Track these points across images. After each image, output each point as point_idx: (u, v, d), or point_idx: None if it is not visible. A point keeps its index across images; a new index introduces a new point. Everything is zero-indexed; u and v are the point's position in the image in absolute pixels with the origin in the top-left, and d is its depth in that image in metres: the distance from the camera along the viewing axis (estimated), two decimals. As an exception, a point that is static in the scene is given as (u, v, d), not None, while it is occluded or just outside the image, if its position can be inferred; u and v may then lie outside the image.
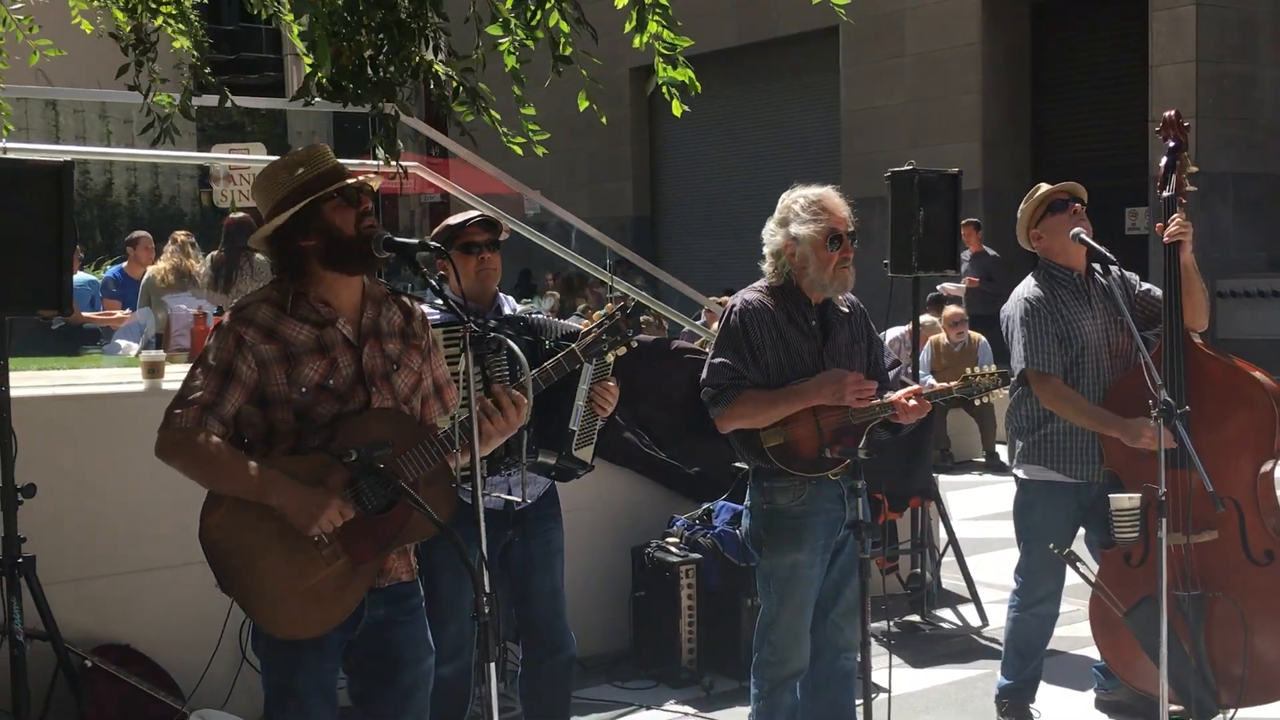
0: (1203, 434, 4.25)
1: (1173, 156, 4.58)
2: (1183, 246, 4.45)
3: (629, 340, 3.56)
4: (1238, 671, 4.37)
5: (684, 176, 20.92)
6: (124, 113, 17.98)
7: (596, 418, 4.03)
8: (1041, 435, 4.65)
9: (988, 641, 6.15)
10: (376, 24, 4.04)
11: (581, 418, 3.94)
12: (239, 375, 3.02)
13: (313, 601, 3.01)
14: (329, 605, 3.03)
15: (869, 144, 16.54)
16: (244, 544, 2.98)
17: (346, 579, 3.04)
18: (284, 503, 2.96)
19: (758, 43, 18.11)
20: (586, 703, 5.24)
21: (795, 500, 3.97)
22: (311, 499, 2.96)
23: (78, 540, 4.71)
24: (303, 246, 3.08)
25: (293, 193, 3.08)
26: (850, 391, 3.90)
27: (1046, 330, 4.56)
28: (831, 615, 4.10)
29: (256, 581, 2.99)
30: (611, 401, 4.00)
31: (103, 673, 4.51)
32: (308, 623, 3.02)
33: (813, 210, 3.97)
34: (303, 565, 2.99)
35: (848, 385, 3.91)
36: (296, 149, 3.26)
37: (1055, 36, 15.89)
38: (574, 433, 3.94)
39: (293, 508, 2.96)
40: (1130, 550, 4.44)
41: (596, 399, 3.96)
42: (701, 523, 5.85)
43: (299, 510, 2.96)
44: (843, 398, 3.91)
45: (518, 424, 3.19)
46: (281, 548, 2.98)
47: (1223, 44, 13.93)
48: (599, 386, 3.96)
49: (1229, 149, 13.82)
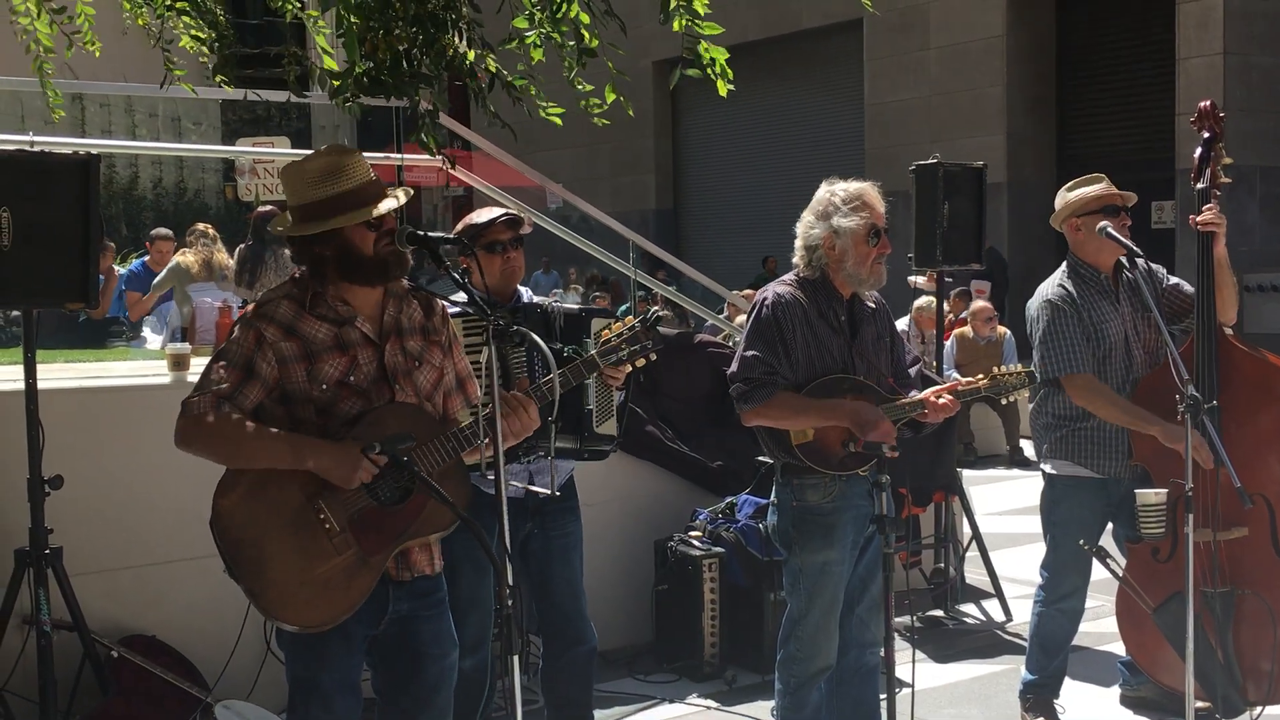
0: (1233, 429, 4.22)
1: (1207, 148, 4.53)
2: (1215, 239, 4.41)
3: (649, 352, 3.54)
4: (1266, 667, 4.34)
5: (707, 170, 20.89)
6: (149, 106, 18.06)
7: (610, 390, 4.00)
8: (1069, 431, 4.62)
9: (1012, 637, 6.13)
10: (410, 17, 4.04)
11: (595, 395, 3.93)
12: (258, 372, 3.03)
13: (321, 590, 3.01)
14: (337, 594, 3.03)
15: (893, 137, 16.49)
16: (254, 530, 2.99)
17: (356, 569, 3.04)
18: (322, 462, 2.97)
19: (781, 36, 18.06)
20: (608, 696, 5.25)
21: (825, 498, 3.96)
22: (347, 453, 2.97)
23: (104, 532, 4.74)
24: (319, 254, 3.10)
25: (318, 204, 3.07)
26: (880, 436, 3.80)
27: (1073, 329, 4.52)
28: (857, 610, 4.09)
29: (265, 568, 2.99)
30: (623, 373, 3.79)
31: (128, 663, 4.54)
32: (315, 611, 3.02)
33: (854, 204, 3.95)
34: (312, 554, 3.00)
35: (881, 429, 3.80)
36: (329, 144, 3.25)
37: (1081, 29, 15.79)
38: (591, 411, 3.93)
39: (331, 464, 2.97)
40: (1158, 546, 4.41)
41: (606, 372, 3.90)
42: (724, 516, 5.84)
43: (339, 465, 2.96)
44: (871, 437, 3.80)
45: (531, 426, 3.21)
46: (291, 535, 2.99)
47: (1250, 36, 13.81)
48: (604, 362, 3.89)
49: (1256, 142, 13.70)
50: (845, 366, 3.96)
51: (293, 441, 2.99)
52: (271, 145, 10.62)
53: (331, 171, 3.10)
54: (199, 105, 16.67)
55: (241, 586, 3.03)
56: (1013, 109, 15.66)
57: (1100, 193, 4.60)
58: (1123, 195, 4.62)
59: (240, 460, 3.02)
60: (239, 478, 3.03)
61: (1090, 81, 15.68)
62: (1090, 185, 4.65)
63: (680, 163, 21.39)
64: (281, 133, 15.05)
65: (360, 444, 2.98)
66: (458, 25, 4.20)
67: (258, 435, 2.99)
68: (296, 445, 2.99)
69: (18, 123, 12.15)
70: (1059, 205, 4.71)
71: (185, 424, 3.02)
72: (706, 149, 20.80)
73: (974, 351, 11.24)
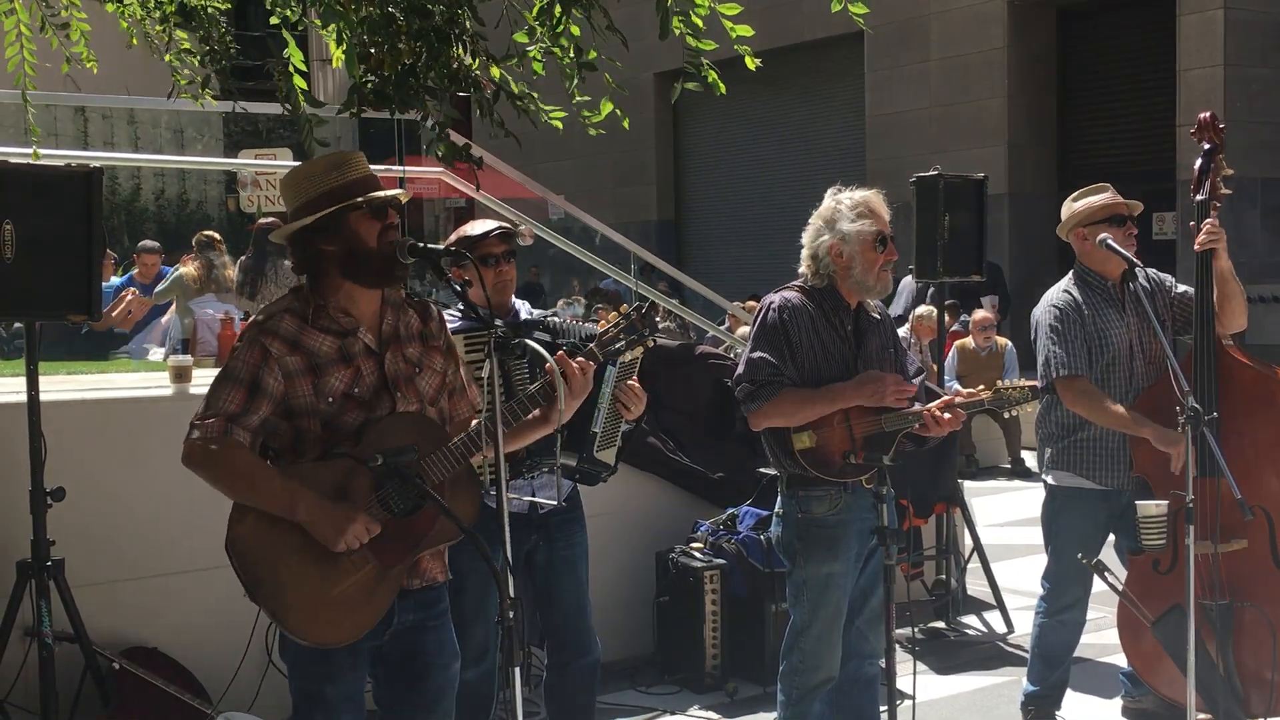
0: (1233, 441, 4.21)
1: (1207, 159, 4.52)
2: (1216, 253, 4.40)
3: (645, 339, 3.54)
4: (1269, 677, 4.33)
5: (708, 181, 20.92)
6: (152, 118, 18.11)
7: (620, 420, 4.01)
8: (1071, 442, 4.62)
9: (1013, 648, 6.12)
10: (414, 31, 4.06)
11: (604, 420, 3.93)
12: (265, 388, 3.02)
13: (344, 608, 3.01)
14: (360, 610, 3.04)
15: (894, 149, 16.50)
16: (271, 554, 2.99)
17: (375, 583, 3.05)
18: (311, 519, 2.96)
19: (783, 48, 18.10)
20: (610, 707, 5.24)
21: (831, 509, 3.96)
22: (338, 515, 2.97)
23: (106, 543, 4.74)
24: (323, 251, 3.09)
25: (320, 196, 3.07)
26: (890, 392, 3.90)
27: (1075, 334, 4.53)
28: (857, 622, 4.09)
29: (285, 592, 2.99)
30: (638, 403, 3.90)
31: (130, 675, 4.53)
32: (340, 629, 3.03)
33: (860, 211, 3.97)
34: (330, 573, 3.00)
35: (888, 386, 3.90)
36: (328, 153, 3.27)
37: (1082, 40, 15.82)
38: (596, 435, 3.92)
39: (319, 524, 2.96)
40: (1158, 558, 4.41)
41: (622, 399, 3.92)
42: (725, 528, 5.84)
43: (326, 526, 2.96)
44: (884, 398, 3.89)
45: (587, 387, 3.28)
46: (308, 556, 2.99)
47: (1251, 48, 13.84)
48: (624, 386, 3.88)
49: (1257, 154, 13.72)
50: (849, 375, 3.97)
51: (290, 491, 2.98)
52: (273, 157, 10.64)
53: (337, 164, 3.13)
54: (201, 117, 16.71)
55: (264, 610, 3.03)
56: (1014, 121, 15.68)
57: (1105, 202, 4.61)
58: (1129, 204, 4.63)
59: (239, 498, 3.02)
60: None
61: (1091, 93, 15.70)
62: (1095, 195, 4.65)
63: (681, 174, 21.42)
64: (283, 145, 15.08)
65: (361, 512, 2.99)
66: (461, 38, 4.22)
67: (258, 478, 2.99)
68: (292, 495, 2.97)
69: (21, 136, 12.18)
70: (1065, 215, 4.72)
71: (191, 449, 3.01)
72: (708, 161, 20.83)
73: (974, 362, 11.24)
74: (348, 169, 3.11)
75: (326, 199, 3.06)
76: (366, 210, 3.06)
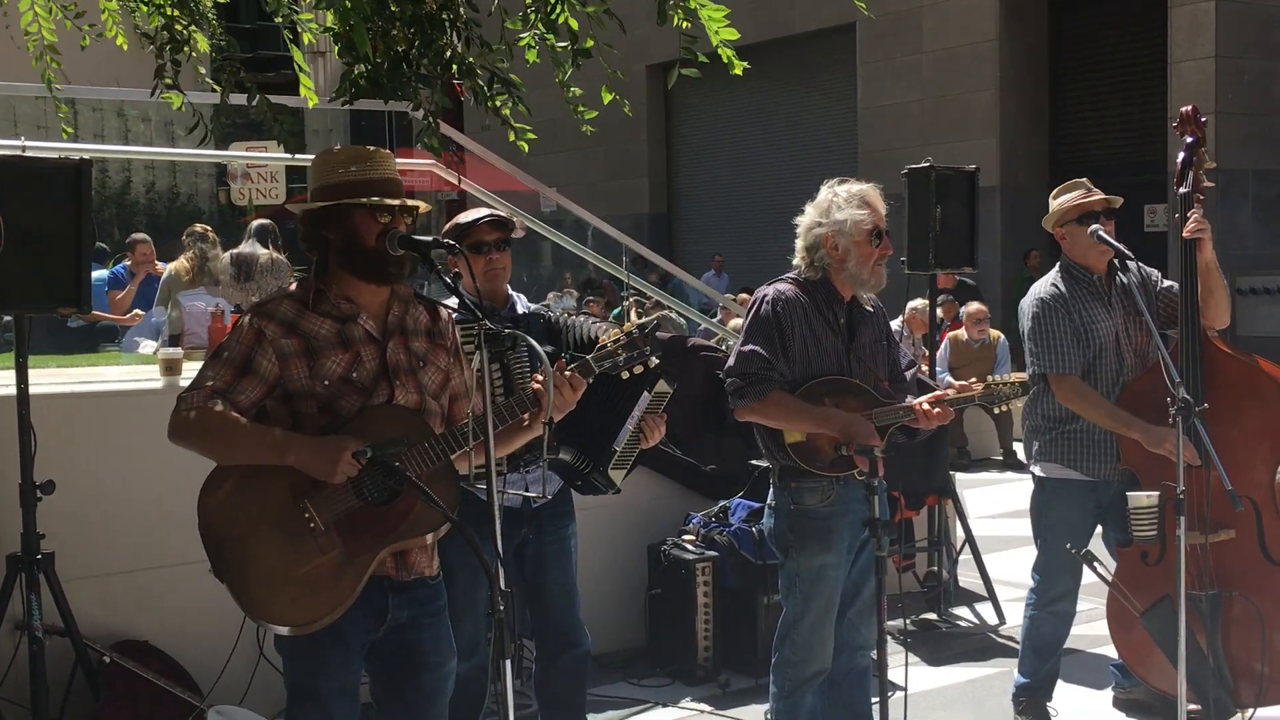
0: (1219, 433, 4.22)
1: (1190, 152, 4.54)
2: (1201, 245, 4.42)
3: (646, 359, 3.54)
4: (1258, 668, 4.35)
5: (700, 174, 20.91)
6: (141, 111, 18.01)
7: (638, 445, 4.03)
8: (1059, 433, 4.63)
9: (1004, 640, 6.13)
10: (407, 18, 4.04)
11: (626, 441, 3.96)
12: (257, 369, 3.03)
13: (304, 588, 3.00)
14: (319, 593, 3.01)
15: (886, 141, 16.51)
16: (238, 528, 2.99)
17: (341, 569, 3.02)
18: (303, 457, 2.96)
19: (774, 39, 18.10)
20: (602, 699, 5.25)
21: (823, 501, 3.96)
22: (329, 446, 2.96)
23: (96, 536, 4.73)
24: (325, 237, 3.13)
25: (333, 185, 3.11)
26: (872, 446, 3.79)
27: (1063, 330, 4.54)
28: (849, 613, 4.09)
29: (248, 566, 2.98)
30: (657, 437, 4.00)
31: (121, 669, 4.53)
32: (297, 610, 3.00)
33: (856, 203, 3.97)
34: (296, 552, 2.99)
35: (873, 443, 3.78)
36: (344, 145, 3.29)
37: (1074, 32, 15.82)
38: (615, 452, 3.95)
39: (314, 460, 2.96)
40: (1147, 549, 4.42)
41: (645, 428, 3.97)
42: (718, 520, 5.85)
43: (320, 461, 2.95)
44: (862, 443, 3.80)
45: (571, 403, 3.27)
46: (276, 534, 2.99)
47: (1242, 39, 13.86)
48: (651, 418, 3.95)
49: (1249, 145, 13.75)
50: (841, 368, 3.97)
51: (277, 436, 3.00)
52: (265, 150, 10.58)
53: (357, 158, 3.15)
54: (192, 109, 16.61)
55: (224, 583, 3.02)
56: (1005, 113, 15.70)
57: (1077, 200, 4.62)
58: (1107, 199, 4.63)
59: (226, 455, 3.02)
60: (225, 475, 3.04)
61: (1083, 85, 15.72)
62: (1069, 192, 4.67)
63: (673, 167, 21.40)
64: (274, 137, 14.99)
65: (348, 439, 2.99)
66: (455, 26, 4.20)
67: (243, 430, 3.00)
68: (280, 440, 2.99)
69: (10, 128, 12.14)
70: (1048, 213, 4.75)
71: (176, 418, 3.03)
72: (700, 153, 20.81)
73: (967, 354, 11.25)
74: (368, 166, 3.14)
75: (337, 190, 3.10)
76: (369, 209, 3.08)
